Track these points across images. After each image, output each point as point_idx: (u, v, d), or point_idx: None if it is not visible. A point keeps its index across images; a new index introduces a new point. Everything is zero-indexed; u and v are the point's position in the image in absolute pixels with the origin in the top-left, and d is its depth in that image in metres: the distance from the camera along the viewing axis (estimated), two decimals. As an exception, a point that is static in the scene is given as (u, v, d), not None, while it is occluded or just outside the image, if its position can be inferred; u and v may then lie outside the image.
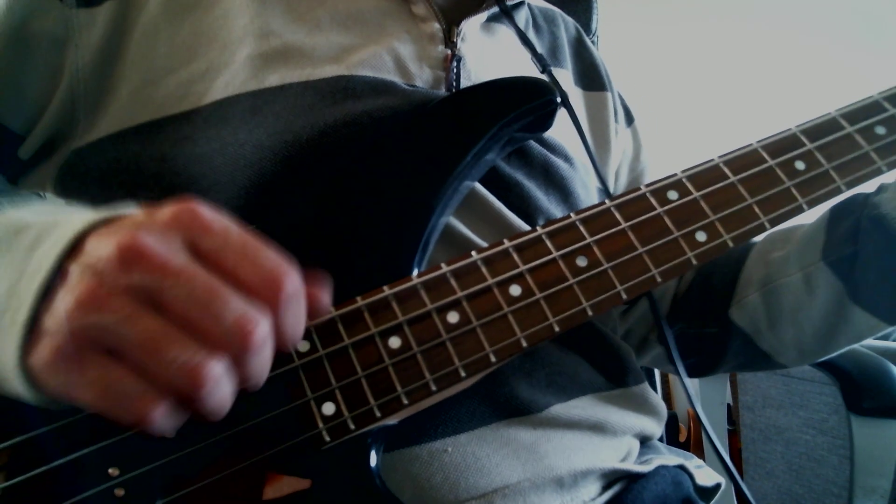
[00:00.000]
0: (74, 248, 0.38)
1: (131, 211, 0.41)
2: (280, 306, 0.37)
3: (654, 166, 0.94)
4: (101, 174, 0.60)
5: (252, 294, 0.37)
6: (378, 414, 0.46)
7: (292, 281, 0.38)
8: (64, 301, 0.36)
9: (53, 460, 0.42)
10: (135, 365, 0.35)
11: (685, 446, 2.18)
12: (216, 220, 0.38)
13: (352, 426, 0.45)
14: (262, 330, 0.36)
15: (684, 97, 2.90)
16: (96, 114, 0.62)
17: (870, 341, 1.77)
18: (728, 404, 2.12)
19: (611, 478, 0.63)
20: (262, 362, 0.38)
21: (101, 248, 0.36)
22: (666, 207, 0.54)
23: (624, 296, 0.51)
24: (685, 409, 2.44)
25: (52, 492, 0.42)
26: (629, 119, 0.92)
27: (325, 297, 0.42)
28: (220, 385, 0.36)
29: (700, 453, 1.98)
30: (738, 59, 2.93)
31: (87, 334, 0.35)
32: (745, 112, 2.87)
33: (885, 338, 1.98)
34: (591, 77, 0.89)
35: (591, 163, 0.72)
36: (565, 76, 0.84)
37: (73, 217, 0.41)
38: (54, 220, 0.41)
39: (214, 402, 0.36)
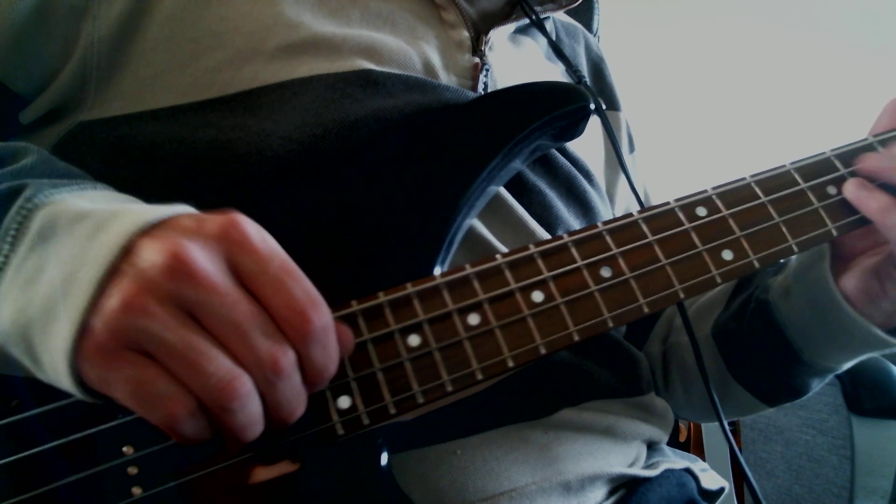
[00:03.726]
0: (129, 248, 0.39)
1: (183, 210, 0.42)
2: (307, 341, 0.39)
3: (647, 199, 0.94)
4: (109, 149, 0.59)
5: (280, 324, 0.39)
6: (393, 411, 0.46)
7: (321, 317, 0.40)
8: (111, 302, 0.37)
9: (69, 435, 0.43)
10: (169, 369, 0.37)
11: (685, 446, 2.19)
12: (261, 241, 0.40)
13: (366, 421, 0.45)
14: (288, 361, 0.38)
15: (686, 97, 2.89)
16: (109, 89, 0.61)
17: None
18: (728, 404, 2.12)
19: (617, 482, 0.63)
20: (289, 391, 0.40)
21: (151, 255, 0.38)
22: (694, 223, 0.54)
23: (646, 309, 0.51)
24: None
25: (68, 466, 0.42)
26: (631, 147, 0.91)
27: (351, 338, 0.45)
28: (249, 401, 0.38)
29: (700, 453, 1.99)
30: (740, 59, 2.90)
31: (128, 336, 0.37)
32: (747, 112, 2.85)
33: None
34: (608, 96, 0.89)
35: (624, 176, 0.73)
36: None
37: (130, 211, 0.42)
38: (113, 210, 0.42)
39: (244, 417, 0.38)
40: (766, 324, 0.71)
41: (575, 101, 0.59)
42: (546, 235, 0.65)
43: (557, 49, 0.78)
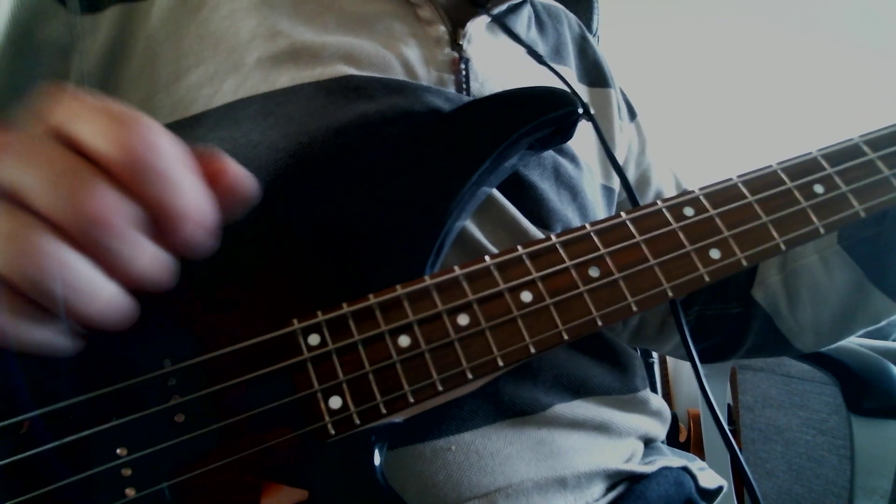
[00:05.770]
0: None
1: None
2: (131, 168, 0.32)
3: (659, 160, 0.95)
4: None
5: (101, 163, 0.33)
6: (384, 410, 0.46)
7: (142, 134, 0.33)
8: None
9: (63, 438, 0.43)
10: None
11: (685, 446, 2.19)
12: (75, 94, 0.35)
13: (357, 421, 0.46)
14: (103, 201, 0.32)
15: (686, 97, 2.90)
16: None
17: (870, 341, 1.77)
18: (728, 404, 2.13)
19: (615, 479, 0.63)
20: (123, 243, 0.33)
21: None
22: (681, 223, 0.54)
23: (634, 308, 0.51)
24: (685, 410, 2.45)
25: (60, 468, 0.43)
26: (632, 114, 0.92)
27: (230, 165, 0.38)
28: (58, 265, 0.32)
29: (700, 453, 1.99)
30: (740, 58, 2.91)
31: None
32: (746, 111, 2.86)
33: (885, 338, 1.98)
34: (595, 74, 0.89)
35: (609, 161, 0.72)
36: (569, 74, 0.85)
37: None
38: None
39: (77, 288, 0.33)
40: None
41: (563, 105, 0.60)
42: (539, 234, 0.65)
43: (517, 38, 0.78)
